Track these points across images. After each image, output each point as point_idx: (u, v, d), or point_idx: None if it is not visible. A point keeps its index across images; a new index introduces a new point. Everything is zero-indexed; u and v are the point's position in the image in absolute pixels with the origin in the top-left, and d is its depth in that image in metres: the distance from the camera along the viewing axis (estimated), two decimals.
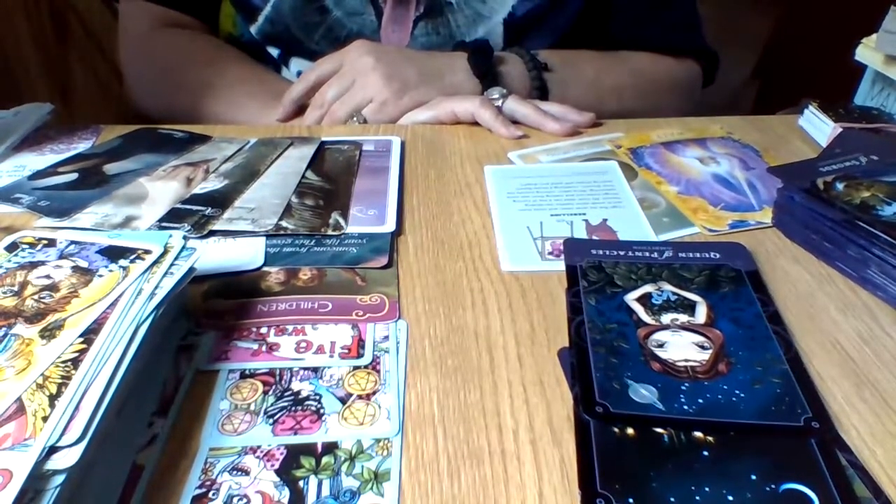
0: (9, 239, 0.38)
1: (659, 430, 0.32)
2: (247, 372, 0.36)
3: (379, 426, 0.33)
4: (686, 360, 0.35)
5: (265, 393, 0.34)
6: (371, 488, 0.30)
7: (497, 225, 0.49)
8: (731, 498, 0.28)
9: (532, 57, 0.69)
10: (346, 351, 0.37)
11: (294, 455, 0.31)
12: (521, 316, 0.40)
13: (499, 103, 0.64)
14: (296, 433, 0.32)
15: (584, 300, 0.40)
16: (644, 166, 0.57)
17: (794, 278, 0.44)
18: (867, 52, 0.63)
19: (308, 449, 0.31)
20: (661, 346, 0.36)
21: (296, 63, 0.75)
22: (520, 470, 0.31)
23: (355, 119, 0.65)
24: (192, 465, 0.31)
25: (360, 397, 0.34)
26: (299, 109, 0.67)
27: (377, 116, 0.64)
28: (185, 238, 0.38)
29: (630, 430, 0.32)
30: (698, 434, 0.31)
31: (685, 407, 0.33)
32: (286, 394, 0.34)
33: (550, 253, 0.46)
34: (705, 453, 0.30)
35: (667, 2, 0.77)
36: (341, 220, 0.48)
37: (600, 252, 0.45)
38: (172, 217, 0.48)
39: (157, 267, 0.35)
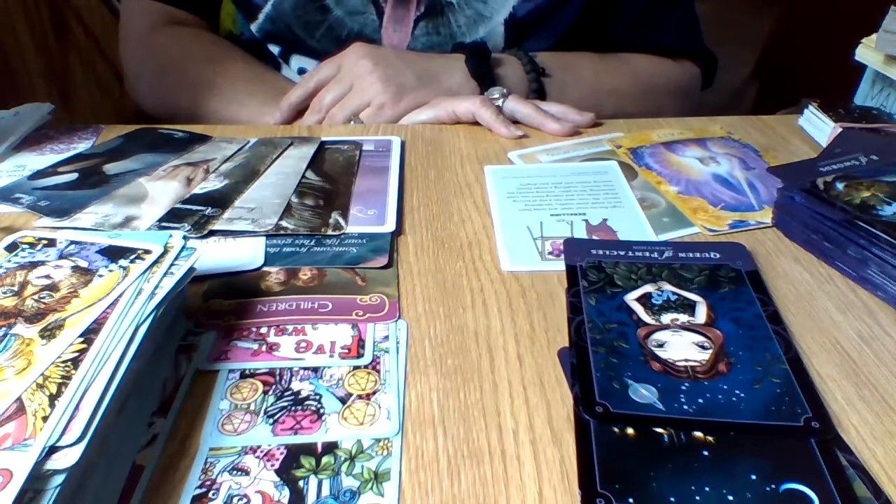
0: (9, 239, 0.38)
1: (659, 430, 0.32)
2: (247, 372, 0.36)
3: (379, 426, 0.33)
4: (686, 360, 0.35)
5: (265, 393, 0.34)
6: (371, 488, 0.30)
7: (497, 225, 0.49)
8: (731, 498, 0.28)
9: (530, 59, 0.69)
10: (346, 351, 0.37)
11: (294, 455, 0.31)
12: (521, 316, 0.40)
13: (499, 103, 0.64)
14: (296, 433, 0.32)
15: (584, 300, 0.40)
16: (644, 166, 0.57)
17: (794, 278, 0.44)
18: (867, 52, 0.63)
19: (308, 449, 0.31)
20: (661, 346, 0.36)
21: (296, 60, 0.75)
22: (520, 470, 0.31)
23: (353, 122, 0.65)
24: (192, 465, 0.31)
25: (360, 397, 0.34)
26: (297, 113, 0.67)
27: (375, 120, 0.65)
28: (185, 238, 0.38)
29: (630, 430, 0.32)
30: (698, 434, 0.31)
31: (685, 407, 0.33)
32: (286, 394, 0.34)
33: (550, 253, 0.46)
34: (705, 453, 0.30)
35: (666, 4, 0.77)
36: (341, 220, 0.48)
37: (600, 252, 0.45)
38: (172, 217, 0.48)
39: (157, 267, 0.35)
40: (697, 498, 0.28)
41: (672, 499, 0.28)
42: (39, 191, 0.51)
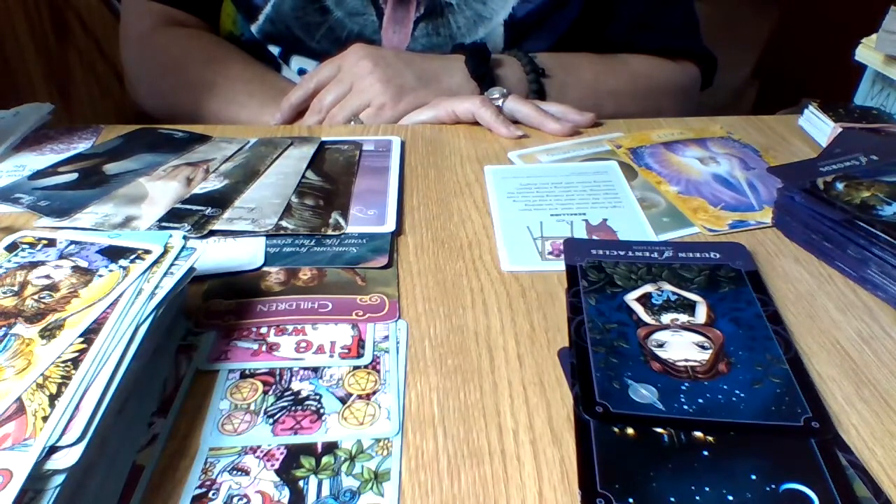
0: (9, 239, 0.38)
1: (659, 430, 0.32)
2: (247, 372, 0.36)
3: (379, 426, 0.33)
4: (686, 360, 0.35)
5: (265, 393, 0.34)
6: (371, 488, 0.30)
7: (497, 225, 0.49)
8: (731, 498, 0.28)
9: (530, 60, 0.69)
10: (346, 351, 0.37)
11: (294, 455, 0.31)
12: (521, 316, 0.40)
13: (499, 103, 0.64)
14: (296, 433, 0.32)
15: (584, 300, 0.40)
16: (644, 166, 0.57)
17: (794, 278, 0.44)
18: (867, 52, 0.63)
19: (308, 449, 0.31)
20: (661, 345, 0.36)
21: (296, 61, 0.75)
22: (520, 470, 0.31)
23: (353, 123, 0.65)
24: (192, 465, 0.31)
25: (360, 397, 0.34)
26: (297, 114, 0.67)
27: (375, 121, 0.65)
28: (185, 238, 0.38)
29: (630, 430, 0.32)
30: (698, 434, 0.31)
31: (685, 407, 0.33)
32: (286, 394, 0.34)
33: (550, 253, 0.46)
34: (705, 453, 0.30)
35: (666, 5, 0.77)
36: (341, 220, 0.48)
37: (600, 252, 0.45)
38: (172, 217, 0.48)
39: (157, 267, 0.35)
40: (697, 498, 0.28)
41: (672, 499, 0.28)
42: (39, 191, 0.51)
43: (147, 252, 0.36)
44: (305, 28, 0.72)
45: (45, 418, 0.26)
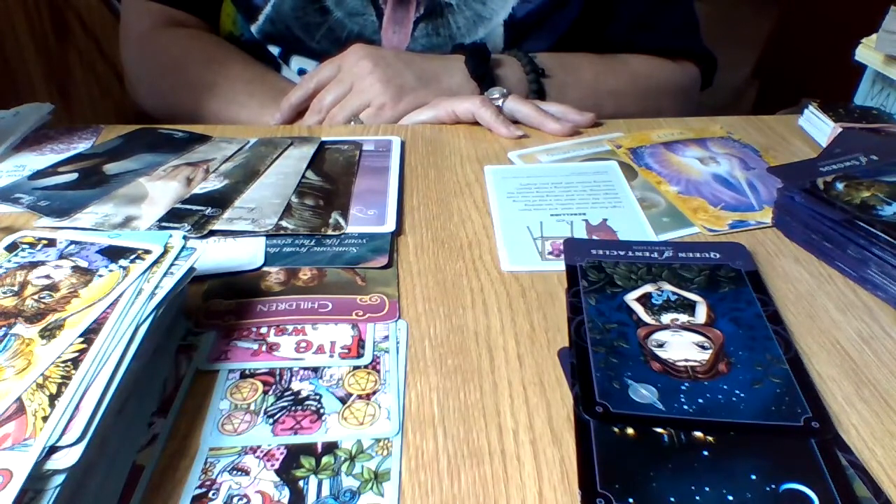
0: (9, 239, 0.38)
1: (659, 430, 0.32)
2: (247, 372, 0.36)
3: (379, 426, 0.33)
4: (686, 360, 0.35)
5: (265, 393, 0.34)
6: (371, 488, 0.30)
7: (497, 225, 0.49)
8: (731, 498, 0.28)
9: (530, 60, 0.69)
10: (346, 351, 0.37)
11: (294, 455, 0.31)
12: (521, 316, 0.40)
13: (499, 103, 0.64)
14: (296, 433, 0.32)
15: (584, 300, 0.40)
16: (644, 166, 0.57)
17: (794, 278, 0.44)
18: (867, 52, 0.63)
19: (308, 449, 0.31)
20: (661, 345, 0.36)
21: (296, 61, 0.75)
22: (520, 470, 0.31)
23: (353, 123, 0.65)
24: (192, 465, 0.31)
25: (360, 397, 0.34)
26: (297, 114, 0.68)
27: (375, 121, 0.65)
28: (185, 238, 0.38)
29: (630, 430, 0.32)
30: (698, 434, 0.31)
31: (685, 407, 0.33)
32: (286, 394, 0.34)
33: (550, 253, 0.46)
34: (705, 453, 0.30)
35: (666, 5, 0.77)
36: (341, 220, 0.48)
37: (600, 252, 0.45)
38: (172, 217, 0.48)
39: (157, 267, 0.35)
40: (697, 498, 0.28)
41: (672, 499, 0.28)
42: (39, 191, 0.51)
43: (147, 252, 0.36)
44: (305, 28, 0.72)
45: (45, 418, 0.26)
